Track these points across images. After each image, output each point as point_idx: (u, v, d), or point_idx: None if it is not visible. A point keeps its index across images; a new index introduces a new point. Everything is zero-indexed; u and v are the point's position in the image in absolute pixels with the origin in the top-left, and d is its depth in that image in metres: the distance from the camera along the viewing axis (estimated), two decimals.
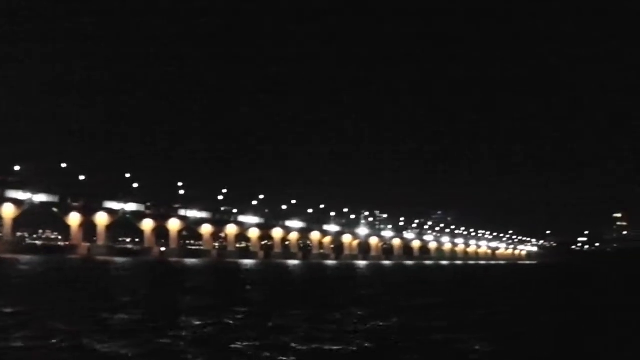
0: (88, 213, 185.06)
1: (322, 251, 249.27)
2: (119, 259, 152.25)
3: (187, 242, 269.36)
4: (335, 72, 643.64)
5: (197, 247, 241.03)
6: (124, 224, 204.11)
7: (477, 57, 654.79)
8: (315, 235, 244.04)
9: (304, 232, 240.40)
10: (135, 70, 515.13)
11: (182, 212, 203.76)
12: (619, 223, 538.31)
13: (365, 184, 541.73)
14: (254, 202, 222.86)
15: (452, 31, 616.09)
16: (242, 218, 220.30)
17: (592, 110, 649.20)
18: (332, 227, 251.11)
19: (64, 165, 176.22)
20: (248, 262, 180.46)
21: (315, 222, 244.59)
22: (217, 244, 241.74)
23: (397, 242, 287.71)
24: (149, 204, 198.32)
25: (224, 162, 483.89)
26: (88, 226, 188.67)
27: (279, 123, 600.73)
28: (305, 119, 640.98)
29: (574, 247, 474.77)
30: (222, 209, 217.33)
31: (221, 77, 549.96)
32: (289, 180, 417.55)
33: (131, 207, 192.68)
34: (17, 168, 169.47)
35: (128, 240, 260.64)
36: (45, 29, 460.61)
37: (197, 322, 31.22)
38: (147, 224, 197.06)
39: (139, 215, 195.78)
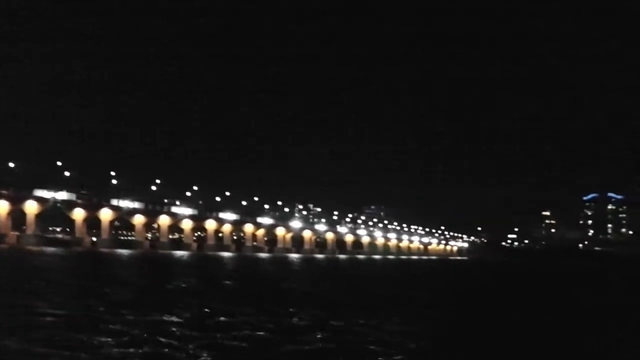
0: (17, 201, 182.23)
1: (255, 244, 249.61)
2: (49, 249, 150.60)
3: (119, 232, 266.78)
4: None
5: (129, 238, 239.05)
6: (55, 214, 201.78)
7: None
8: (248, 228, 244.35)
9: (237, 224, 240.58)
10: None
11: (114, 202, 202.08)
12: (547, 221, 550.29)
13: (299, 178, 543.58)
14: (188, 194, 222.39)
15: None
16: (175, 209, 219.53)
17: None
18: (266, 220, 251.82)
19: None
20: (180, 253, 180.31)
21: (249, 214, 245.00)
22: (149, 235, 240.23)
23: (330, 236, 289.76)
24: (80, 192, 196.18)
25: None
26: (17, 215, 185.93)
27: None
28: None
29: (503, 243, 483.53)
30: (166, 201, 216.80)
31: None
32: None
33: (62, 195, 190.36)
34: None
35: (59, 230, 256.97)
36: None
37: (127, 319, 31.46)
38: (78, 214, 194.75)
39: (70, 205, 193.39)
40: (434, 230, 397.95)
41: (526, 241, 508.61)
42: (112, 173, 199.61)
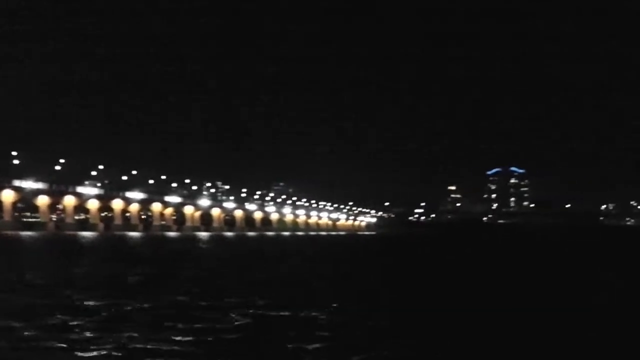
0: None
1: (163, 222, 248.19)
2: None
3: (23, 214, 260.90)
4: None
5: (34, 220, 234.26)
6: None
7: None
8: (156, 207, 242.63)
9: (145, 204, 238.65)
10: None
11: (16, 183, 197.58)
12: (453, 195, 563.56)
13: (206, 156, 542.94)
14: (94, 173, 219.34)
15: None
16: (80, 189, 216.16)
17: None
18: (174, 198, 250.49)
19: None
20: (87, 234, 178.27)
21: (157, 193, 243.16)
22: (54, 216, 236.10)
23: (239, 213, 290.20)
24: None
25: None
26: None
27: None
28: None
29: (411, 218, 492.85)
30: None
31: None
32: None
33: None
34: None
35: None
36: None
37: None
38: None
39: None
40: (342, 206, 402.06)
41: (433, 215, 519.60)
42: (14, 153, 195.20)
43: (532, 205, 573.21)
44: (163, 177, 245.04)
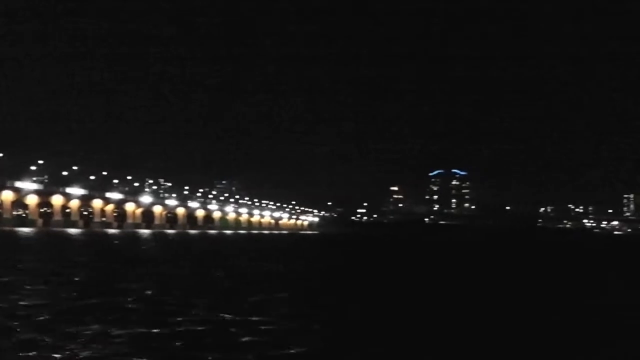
0: None
1: (104, 219, 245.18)
2: None
3: None
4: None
5: None
6: None
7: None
8: (97, 203, 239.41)
9: (85, 200, 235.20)
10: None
11: None
12: (395, 196, 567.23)
13: (148, 152, 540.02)
14: (33, 167, 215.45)
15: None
16: (19, 184, 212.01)
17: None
18: (115, 195, 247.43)
19: None
20: (25, 230, 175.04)
21: (98, 189, 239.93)
22: None
23: (181, 210, 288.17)
24: None
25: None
26: None
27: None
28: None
29: (353, 218, 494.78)
30: None
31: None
32: None
33: None
34: None
35: None
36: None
37: None
38: None
39: None
40: (285, 205, 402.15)
41: (375, 215, 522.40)
42: None
43: (472, 207, 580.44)
44: (104, 173, 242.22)
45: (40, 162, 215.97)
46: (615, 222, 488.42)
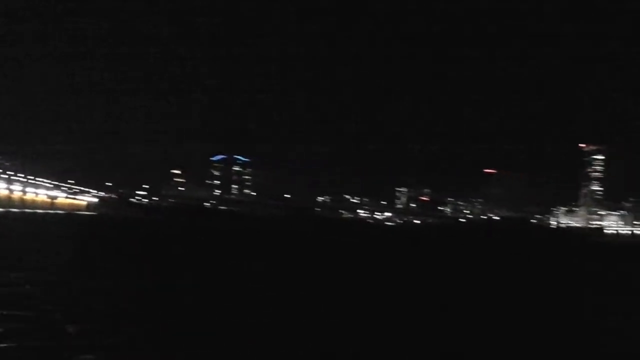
0: None
1: None
2: None
3: None
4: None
5: None
6: None
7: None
8: None
9: None
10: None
11: None
12: (176, 179, 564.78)
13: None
14: None
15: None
16: None
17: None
18: None
19: None
20: None
21: None
22: None
23: None
24: None
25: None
26: None
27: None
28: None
29: (133, 200, 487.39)
30: None
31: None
32: None
33: None
34: None
35: None
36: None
37: None
38: None
39: None
40: (61, 184, 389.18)
41: (155, 198, 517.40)
42: None
43: (253, 193, 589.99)
44: None
45: None
46: (388, 213, 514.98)
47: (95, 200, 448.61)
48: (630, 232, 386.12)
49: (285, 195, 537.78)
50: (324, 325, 26.90)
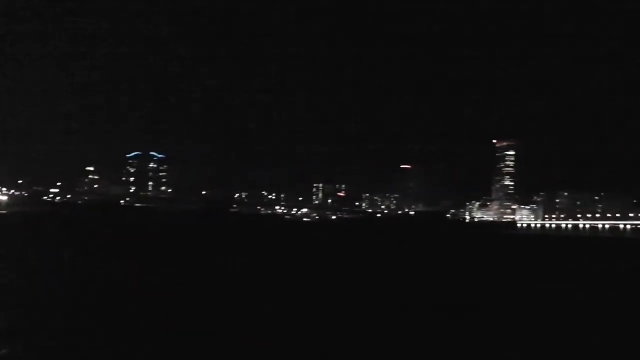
0: None
1: None
2: None
3: None
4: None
5: None
6: None
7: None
8: None
9: None
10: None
11: None
12: (91, 176, 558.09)
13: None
14: None
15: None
16: None
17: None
18: None
19: None
20: None
21: None
22: None
23: None
24: None
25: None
26: None
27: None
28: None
29: (46, 197, 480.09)
30: None
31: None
32: None
33: None
34: None
35: None
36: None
37: None
38: None
39: None
40: None
41: (69, 196, 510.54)
42: None
43: (169, 190, 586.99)
44: None
45: None
46: (305, 210, 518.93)
47: (6, 198, 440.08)
48: (540, 226, 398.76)
49: (202, 192, 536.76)
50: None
